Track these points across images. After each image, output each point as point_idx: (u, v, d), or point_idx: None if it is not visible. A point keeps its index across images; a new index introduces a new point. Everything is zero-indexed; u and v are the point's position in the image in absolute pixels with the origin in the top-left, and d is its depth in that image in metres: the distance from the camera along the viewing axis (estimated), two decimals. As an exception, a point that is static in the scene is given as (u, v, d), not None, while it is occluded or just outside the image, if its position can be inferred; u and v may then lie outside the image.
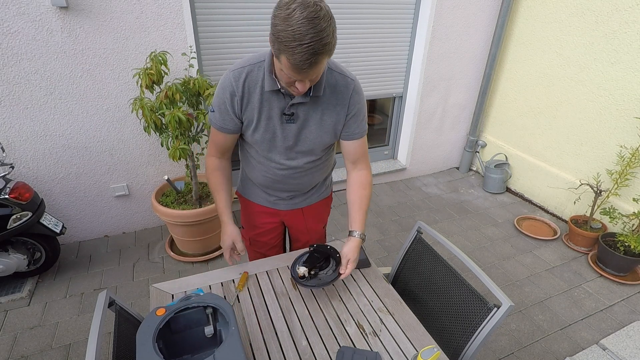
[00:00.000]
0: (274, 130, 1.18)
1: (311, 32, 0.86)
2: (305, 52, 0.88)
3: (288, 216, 1.49)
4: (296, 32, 0.86)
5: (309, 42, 0.87)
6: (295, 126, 1.18)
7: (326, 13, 0.89)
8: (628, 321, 2.16)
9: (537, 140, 3.26)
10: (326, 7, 0.90)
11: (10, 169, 2.01)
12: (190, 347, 1.03)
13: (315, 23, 0.86)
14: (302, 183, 1.37)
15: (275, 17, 0.90)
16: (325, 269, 1.28)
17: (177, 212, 2.26)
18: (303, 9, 0.86)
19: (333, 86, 1.16)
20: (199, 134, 2.26)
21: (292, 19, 0.86)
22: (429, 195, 3.44)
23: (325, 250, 1.32)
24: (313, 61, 0.91)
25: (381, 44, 2.99)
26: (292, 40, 0.87)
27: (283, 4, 0.89)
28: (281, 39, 0.89)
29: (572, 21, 2.79)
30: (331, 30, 0.90)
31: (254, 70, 1.11)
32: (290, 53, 0.90)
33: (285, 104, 1.14)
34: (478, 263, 2.59)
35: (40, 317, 2.05)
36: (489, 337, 1.15)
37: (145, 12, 2.17)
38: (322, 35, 0.88)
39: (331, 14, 0.91)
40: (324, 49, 0.90)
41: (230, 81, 1.12)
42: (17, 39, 1.97)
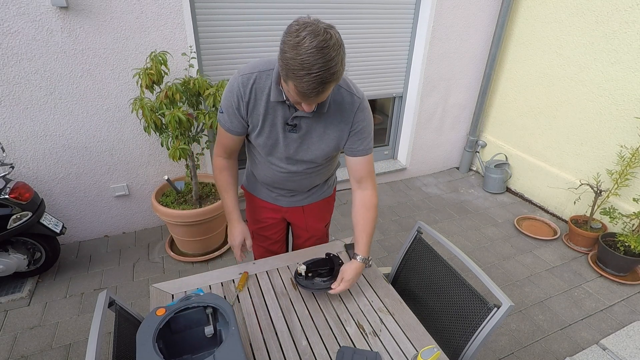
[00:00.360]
0: (277, 138, 1.19)
1: (320, 62, 0.86)
2: (313, 81, 0.89)
3: (289, 213, 1.50)
4: (305, 62, 0.86)
5: (317, 72, 0.87)
6: (297, 136, 1.19)
7: (336, 41, 0.88)
8: (628, 321, 2.16)
9: (537, 140, 3.26)
10: (336, 35, 0.89)
11: (10, 169, 2.01)
12: (190, 347, 1.03)
13: (324, 52, 0.86)
14: (302, 184, 1.38)
15: (284, 44, 0.89)
16: (324, 277, 1.28)
17: (177, 212, 2.26)
18: (313, 37, 0.85)
19: (339, 103, 1.15)
20: (199, 134, 2.26)
21: (302, 48, 0.85)
22: (429, 195, 3.44)
23: (333, 261, 1.33)
24: (320, 89, 0.92)
25: (381, 44, 2.99)
26: (301, 69, 0.87)
27: (293, 30, 0.88)
28: (289, 67, 0.89)
29: (572, 21, 2.79)
30: (340, 58, 0.90)
31: (262, 77, 1.11)
32: (298, 81, 0.90)
33: (289, 115, 1.15)
34: (478, 263, 2.59)
35: (40, 317, 2.05)
36: (489, 337, 1.15)
37: (145, 12, 2.17)
38: (330, 64, 0.87)
39: (341, 42, 0.90)
40: (331, 78, 0.90)
41: (238, 85, 1.12)
42: (17, 39, 1.97)
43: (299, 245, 1.64)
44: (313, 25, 0.87)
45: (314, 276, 1.28)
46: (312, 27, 0.86)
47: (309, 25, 0.87)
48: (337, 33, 0.90)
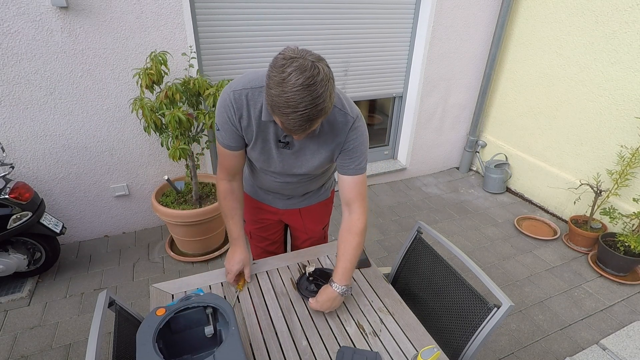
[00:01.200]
0: (270, 153, 1.18)
1: (306, 100, 0.82)
2: (299, 119, 0.85)
3: (286, 215, 1.50)
4: (290, 100, 0.82)
5: (303, 110, 0.83)
6: (290, 152, 1.17)
7: (324, 77, 0.84)
8: (628, 321, 2.16)
9: (537, 140, 3.26)
10: (324, 69, 0.85)
11: (10, 169, 2.01)
12: (190, 347, 1.03)
13: (311, 90, 0.82)
14: (297, 191, 1.38)
15: (269, 78, 0.85)
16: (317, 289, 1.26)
17: (177, 212, 2.26)
18: (299, 74, 0.81)
19: (332, 122, 1.10)
20: (199, 134, 2.26)
21: (287, 85, 0.81)
22: (429, 195, 3.44)
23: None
24: (307, 126, 0.88)
25: (381, 44, 2.99)
26: (286, 107, 0.83)
27: (278, 65, 0.84)
28: (275, 103, 0.85)
29: (572, 21, 2.79)
30: (328, 94, 0.86)
31: (254, 94, 1.06)
32: (284, 118, 0.87)
33: (281, 132, 1.11)
34: (478, 263, 2.59)
35: (40, 317, 2.05)
36: (489, 337, 1.15)
37: (145, 12, 2.17)
38: (317, 101, 0.84)
39: (330, 75, 0.86)
40: (319, 115, 0.87)
41: (230, 101, 1.07)
42: (17, 39, 1.97)
43: (297, 246, 1.63)
44: (300, 60, 0.82)
45: (313, 281, 1.28)
46: (299, 61, 0.82)
47: (295, 59, 0.82)
48: (326, 66, 0.86)
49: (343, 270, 1.18)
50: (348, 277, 1.18)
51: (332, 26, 2.74)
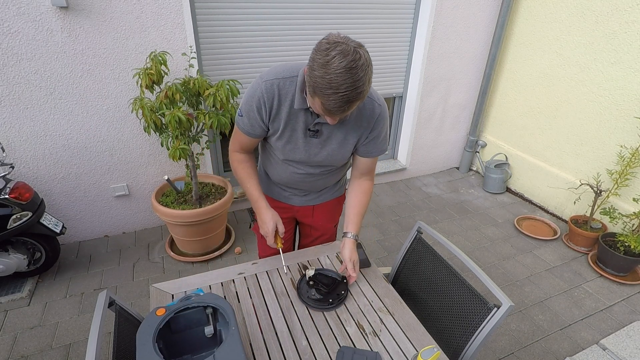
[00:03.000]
0: (296, 142, 1.21)
1: (348, 82, 0.87)
2: (340, 100, 0.90)
3: (300, 212, 1.51)
4: (333, 81, 0.87)
5: (344, 91, 0.89)
6: (317, 141, 1.20)
7: (365, 61, 0.89)
8: (628, 321, 2.16)
9: (537, 140, 3.26)
10: (365, 55, 0.90)
11: (10, 169, 2.01)
12: (190, 347, 1.03)
13: (352, 73, 0.87)
14: (316, 185, 1.41)
15: (313, 61, 0.91)
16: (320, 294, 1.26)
17: (177, 212, 2.26)
18: (342, 57, 0.86)
19: (360, 109, 1.16)
20: (199, 134, 2.26)
21: (330, 67, 0.87)
22: (429, 195, 3.44)
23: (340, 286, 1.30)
24: (346, 107, 0.94)
25: (381, 44, 2.99)
26: (328, 87, 0.89)
27: (322, 48, 0.89)
28: (317, 84, 0.91)
29: (572, 21, 2.79)
30: (367, 78, 0.91)
31: (285, 84, 1.10)
32: (324, 98, 0.92)
33: (311, 120, 1.16)
34: (478, 263, 2.59)
35: (40, 317, 2.05)
36: (489, 337, 1.15)
37: (145, 12, 2.17)
38: (358, 84, 0.89)
39: (369, 61, 0.91)
40: (358, 97, 0.92)
41: (261, 91, 1.11)
42: (17, 39, 1.97)
43: (306, 244, 1.64)
44: (343, 45, 0.87)
45: (313, 286, 1.28)
46: (342, 46, 0.87)
47: (339, 44, 0.88)
48: (366, 52, 0.91)
49: (358, 222, 1.33)
50: (359, 226, 1.34)
51: (332, 26, 2.74)
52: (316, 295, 1.26)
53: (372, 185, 1.38)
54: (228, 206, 2.44)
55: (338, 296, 1.26)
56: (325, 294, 1.26)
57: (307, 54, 3.06)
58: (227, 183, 2.56)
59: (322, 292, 1.26)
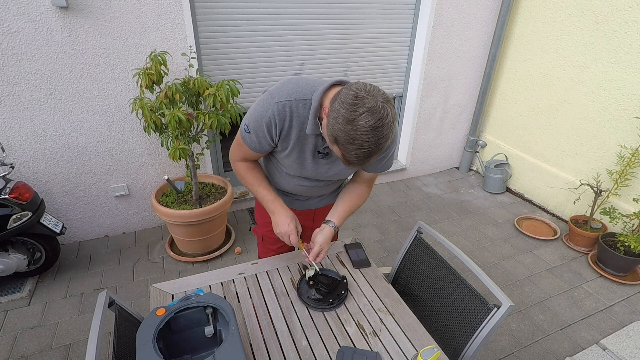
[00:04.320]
0: (304, 162, 1.20)
1: (372, 140, 0.86)
2: (362, 155, 0.90)
3: (301, 216, 1.50)
4: (357, 138, 0.86)
5: (367, 148, 0.88)
6: (325, 161, 1.20)
7: (391, 119, 0.87)
8: (628, 321, 2.16)
9: (537, 140, 3.26)
10: (392, 112, 0.88)
11: (10, 169, 2.01)
12: (190, 347, 1.03)
13: (378, 132, 0.86)
14: (320, 192, 1.40)
15: (338, 112, 0.88)
16: (320, 294, 1.26)
17: (177, 212, 2.26)
18: (370, 115, 0.84)
19: None
20: (199, 134, 2.26)
21: (357, 125, 0.85)
22: (429, 195, 3.44)
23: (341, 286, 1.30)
24: (366, 161, 0.93)
25: (381, 44, 2.99)
26: (352, 143, 0.87)
27: (350, 102, 0.86)
28: (340, 137, 0.89)
29: (572, 21, 2.79)
30: (392, 134, 0.90)
31: (298, 106, 1.06)
32: (345, 151, 0.91)
33: (321, 144, 1.14)
34: (478, 263, 2.59)
35: (40, 317, 2.05)
36: (489, 337, 1.15)
37: (145, 12, 2.17)
38: (381, 141, 0.88)
39: (394, 117, 0.90)
40: (379, 152, 0.91)
41: (273, 112, 1.06)
42: (17, 39, 1.97)
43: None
44: (371, 100, 0.85)
45: (313, 286, 1.28)
46: (371, 102, 0.85)
47: (367, 99, 0.85)
48: (393, 108, 0.89)
49: (342, 215, 1.30)
50: (342, 221, 1.31)
51: (332, 26, 2.74)
52: (316, 295, 1.26)
53: (368, 192, 1.37)
54: (228, 206, 2.44)
55: (338, 296, 1.25)
56: (325, 294, 1.26)
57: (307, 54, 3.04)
58: (227, 183, 2.56)
59: (322, 292, 1.26)
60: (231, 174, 2.96)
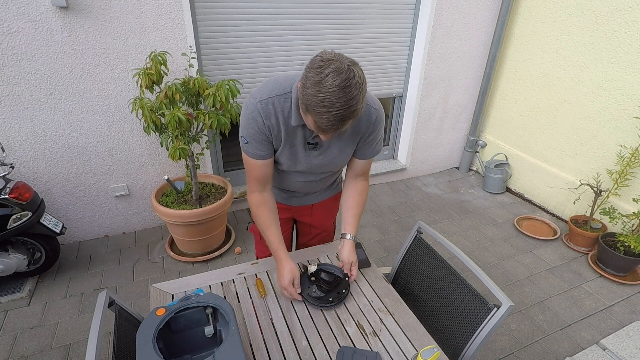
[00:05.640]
0: (297, 156, 1.21)
1: (341, 101, 0.87)
2: (333, 119, 0.90)
3: (299, 211, 1.52)
4: (326, 100, 0.87)
5: (337, 110, 0.88)
6: (317, 152, 1.21)
7: (359, 80, 0.88)
8: (628, 321, 2.16)
9: (537, 140, 3.26)
10: (359, 73, 0.89)
11: (10, 169, 2.01)
12: (190, 347, 1.03)
13: (346, 91, 0.86)
14: (316, 187, 1.41)
15: (306, 79, 0.90)
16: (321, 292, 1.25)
17: (177, 212, 2.26)
18: (336, 75, 0.85)
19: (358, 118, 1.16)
20: (198, 134, 2.26)
21: (324, 86, 0.86)
22: (429, 195, 3.44)
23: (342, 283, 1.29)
24: (339, 126, 0.93)
25: (381, 44, 2.99)
26: (321, 106, 0.88)
27: (316, 66, 0.88)
28: (310, 102, 0.90)
29: (572, 21, 2.79)
30: (361, 96, 0.90)
31: (280, 101, 1.08)
32: (317, 117, 0.91)
33: (309, 135, 1.16)
34: (478, 263, 2.59)
35: (40, 317, 2.05)
36: (489, 337, 1.15)
37: (145, 12, 2.17)
38: (351, 103, 0.88)
39: (364, 79, 0.90)
40: (351, 116, 0.91)
41: (258, 112, 1.09)
42: (17, 39, 1.97)
43: (304, 243, 1.65)
44: (337, 62, 0.87)
45: (315, 282, 1.28)
46: (336, 64, 0.86)
47: (332, 62, 0.87)
48: (361, 70, 0.90)
49: (355, 223, 1.34)
50: (356, 227, 1.35)
51: (332, 26, 2.74)
52: (317, 292, 1.25)
53: (367, 186, 1.39)
54: (228, 206, 2.44)
55: (339, 295, 1.25)
56: (327, 291, 1.25)
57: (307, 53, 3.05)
58: (227, 183, 2.56)
59: (324, 290, 1.25)
60: (231, 174, 2.96)
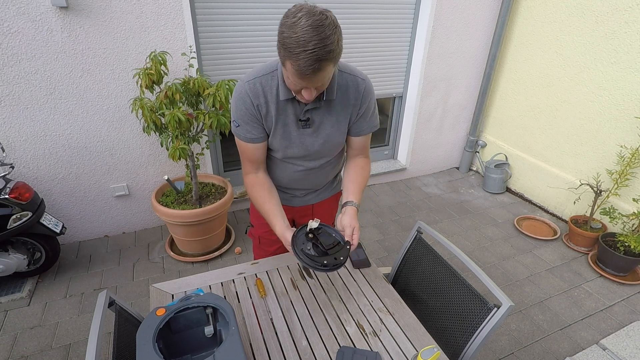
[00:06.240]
0: (290, 137, 1.21)
1: (315, 39, 0.89)
2: (309, 58, 0.90)
3: (300, 212, 1.51)
4: (300, 39, 0.89)
5: (312, 49, 0.89)
6: (310, 131, 1.21)
7: (332, 22, 0.91)
8: (628, 321, 2.16)
9: (537, 140, 3.26)
10: (332, 17, 0.92)
11: (10, 169, 2.01)
12: (190, 347, 1.03)
13: (319, 30, 0.89)
14: (316, 181, 1.40)
15: (282, 25, 0.93)
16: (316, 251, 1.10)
17: (177, 212, 2.26)
18: (308, 17, 0.89)
19: (345, 88, 1.17)
20: (198, 134, 2.26)
21: (298, 26, 0.89)
22: (429, 195, 3.44)
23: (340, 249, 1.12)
24: (317, 67, 0.93)
25: (381, 44, 2.99)
26: (297, 46, 0.90)
27: (290, 13, 0.92)
28: (286, 45, 0.92)
29: (572, 21, 2.79)
30: (336, 38, 0.92)
31: (267, 79, 1.12)
32: (294, 59, 0.92)
33: (300, 110, 1.16)
34: (478, 263, 2.59)
35: (40, 317, 2.05)
36: (489, 337, 1.15)
37: (145, 12, 2.17)
38: (326, 42, 0.90)
39: (337, 24, 0.93)
40: (327, 56, 0.92)
41: (246, 92, 1.12)
42: (17, 39, 1.97)
43: None
44: (309, 7, 0.91)
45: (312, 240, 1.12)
46: (309, 8, 0.91)
47: (305, 7, 0.91)
48: (334, 16, 0.93)
49: (357, 191, 1.27)
50: (360, 197, 1.27)
51: (332, 26, 2.74)
52: (311, 250, 1.10)
53: (368, 162, 1.37)
54: (228, 206, 2.44)
55: (335, 260, 1.07)
56: (321, 253, 1.09)
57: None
58: (227, 183, 2.56)
59: (318, 250, 1.09)
60: (231, 174, 2.95)
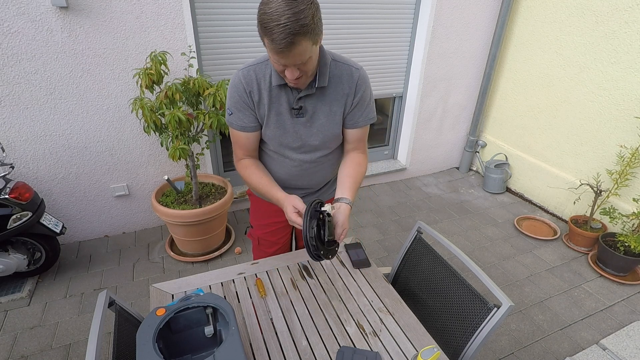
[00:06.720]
0: (284, 126, 1.20)
1: (288, 13, 0.89)
2: (282, 32, 0.91)
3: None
4: (274, 13, 0.90)
5: (285, 22, 0.90)
6: (304, 120, 1.20)
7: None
8: (628, 321, 2.16)
9: (537, 140, 3.26)
10: None
11: (10, 169, 2.01)
12: (190, 347, 1.03)
13: (293, 5, 0.90)
14: (315, 178, 1.37)
15: (260, 5, 0.95)
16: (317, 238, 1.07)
17: (177, 212, 2.26)
18: None
19: (339, 77, 1.18)
20: (198, 134, 2.26)
21: (272, 2, 0.91)
22: (429, 195, 3.44)
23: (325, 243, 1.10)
24: (290, 41, 0.92)
25: (381, 44, 2.99)
26: (271, 21, 0.91)
27: None
28: (262, 22, 0.93)
29: (571, 21, 2.79)
30: (310, 13, 0.92)
31: (261, 67, 1.15)
32: (269, 34, 0.93)
33: (293, 98, 1.17)
34: (478, 263, 2.59)
35: (40, 317, 2.05)
36: (489, 337, 1.15)
37: (145, 12, 2.17)
38: (299, 16, 0.90)
39: (313, 0, 0.94)
40: (301, 30, 0.92)
41: (240, 80, 1.15)
42: (17, 39, 1.97)
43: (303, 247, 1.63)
44: None
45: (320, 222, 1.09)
46: None
47: None
48: None
49: (352, 187, 1.24)
50: (354, 194, 1.24)
51: (332, 26, 2.74)
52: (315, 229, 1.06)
53: (365, 159, 1.33)
54: (228, 206, 2.44)
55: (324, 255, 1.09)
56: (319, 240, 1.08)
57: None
58: (227, 183, 2.56)
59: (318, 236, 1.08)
60: (231, 174, 2.95)
